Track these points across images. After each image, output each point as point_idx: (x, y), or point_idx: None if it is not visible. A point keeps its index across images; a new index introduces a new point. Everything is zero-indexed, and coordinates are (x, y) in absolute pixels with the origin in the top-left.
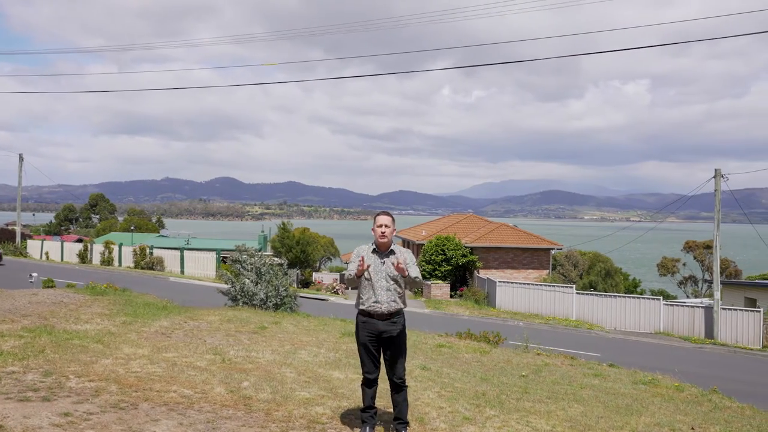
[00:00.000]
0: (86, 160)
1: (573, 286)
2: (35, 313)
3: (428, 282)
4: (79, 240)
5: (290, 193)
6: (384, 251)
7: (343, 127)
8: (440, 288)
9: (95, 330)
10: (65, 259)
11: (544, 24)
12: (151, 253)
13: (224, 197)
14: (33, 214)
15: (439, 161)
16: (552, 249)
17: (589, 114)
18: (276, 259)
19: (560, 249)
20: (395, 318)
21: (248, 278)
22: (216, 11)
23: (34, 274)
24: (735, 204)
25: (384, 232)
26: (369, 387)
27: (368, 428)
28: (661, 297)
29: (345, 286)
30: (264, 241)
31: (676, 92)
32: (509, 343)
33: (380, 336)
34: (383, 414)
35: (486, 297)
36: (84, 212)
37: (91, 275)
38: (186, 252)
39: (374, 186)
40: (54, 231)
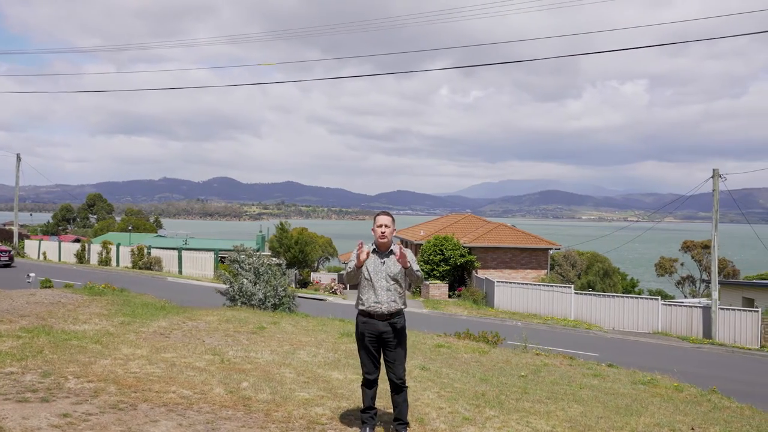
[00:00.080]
0: (84, 160)
1: (571, 286)
2: (33, 314)
3: (426, 282)
4: (77, 240)
5: (288, 193)
6: (384, 251)
7: (341, 127)
8: (438, 288)
9: (93, 330)
10: (63, 260)
11: (543, 24)
12: (149, 253)
13: (222, 197)
14: (30, 214)
15: (438, 161)
16: (550, 249)
17: (587, 114)
18: (274, 259)
19: (558, 249)
20: (396, 318)
21: (246, 278)
22: (214, 11)
23: (32, 274)
24: (733, 204)
25: (384, 232)
26: (369, 387)
27: (368, 429)
28: (659, 297)
29: (343, 286)
30: (262, 241)
31: (674, 92)
32: (508, 343)
33: (380, 336)
34: (383, 414)
35: (484, 297)
36: (81, 212)
37: (89, 275)
38: (184, 252)
39: (372, 186)
40: (51, 231)
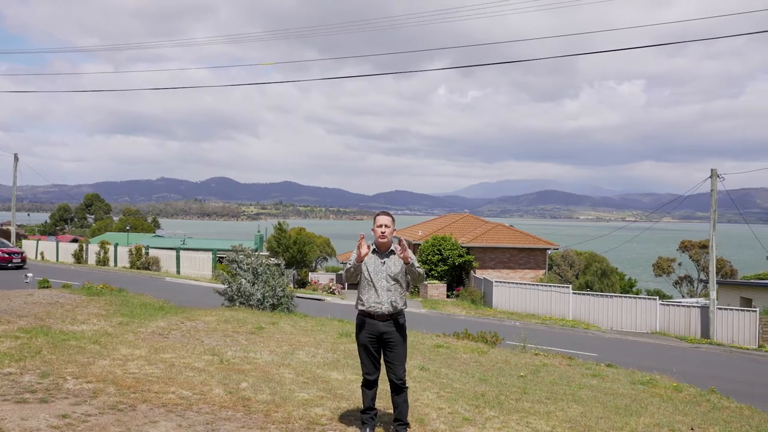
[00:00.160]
0: (81, 160)
1: (569, 286)
2: (31, 314)
3: (425, 282)
4: (75, 240)
5: (286, 193)
6: (384, 251)
7: (340, 127)
8: (437, 288)
9: (92, 331)
10: (60, 260)
11: (541, 24)
12: (147, 254)
13: (220, 197)
14: (28, 214)
15: (436, 161)
16: (548, 249)
17: (585, 114)
18: (272, 259)
19: (556, 249)
20: (396, 318)
21: (245, 278)
22: (213, 11)
23: (30, 275)
24: (731, 204)
25: (384, 233)
26: (369, 388)
27: (368, 429)
28: (657, 297)
29: (341, 286)
30: (260, 241)
31: (672, 92)
32: (507, 344)
33: (381, 337)
34: (383, 415)
35: (482, 297)
36: (79, 212)
37: (87, 275)
38: (182, 252)
39: (370, 186)
40: (49, 231)
